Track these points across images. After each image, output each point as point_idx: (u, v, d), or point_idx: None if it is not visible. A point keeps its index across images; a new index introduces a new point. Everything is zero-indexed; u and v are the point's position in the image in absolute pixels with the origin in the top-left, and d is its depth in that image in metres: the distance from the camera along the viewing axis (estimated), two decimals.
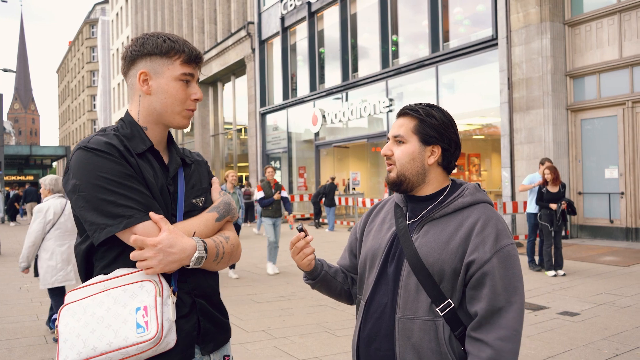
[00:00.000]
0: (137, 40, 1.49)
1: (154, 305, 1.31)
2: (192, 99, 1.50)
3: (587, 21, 10.68)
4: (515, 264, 1.44)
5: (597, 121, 10.68)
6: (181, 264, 1.38)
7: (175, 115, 1.49)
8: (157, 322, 1.30)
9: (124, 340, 1.28)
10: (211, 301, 1.54)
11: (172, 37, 1.48)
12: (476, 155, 17.30)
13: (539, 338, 4.64)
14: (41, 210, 4.96)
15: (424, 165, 1.55)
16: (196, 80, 1.52)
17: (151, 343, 1.29)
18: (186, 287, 1.46)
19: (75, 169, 1.39)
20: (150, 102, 1.48)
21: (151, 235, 1.35)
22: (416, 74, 14.36)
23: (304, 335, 4.91)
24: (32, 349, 4.69)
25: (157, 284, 1.35)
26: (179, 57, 1.46)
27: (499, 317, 1.40)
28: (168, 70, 1.46)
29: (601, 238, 10.56)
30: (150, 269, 1.34)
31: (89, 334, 1.30)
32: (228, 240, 1.53)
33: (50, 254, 4.97)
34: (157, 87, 1.46)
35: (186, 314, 1.44)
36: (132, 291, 1.34)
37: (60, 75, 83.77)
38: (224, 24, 25.43)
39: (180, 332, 1.40)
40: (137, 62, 1.47)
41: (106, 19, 48.29)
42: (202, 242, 1.42)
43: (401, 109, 1.60)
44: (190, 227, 1.45)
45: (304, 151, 19.96)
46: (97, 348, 1.28)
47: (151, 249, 1.32)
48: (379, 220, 1.68)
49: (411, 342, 1.45)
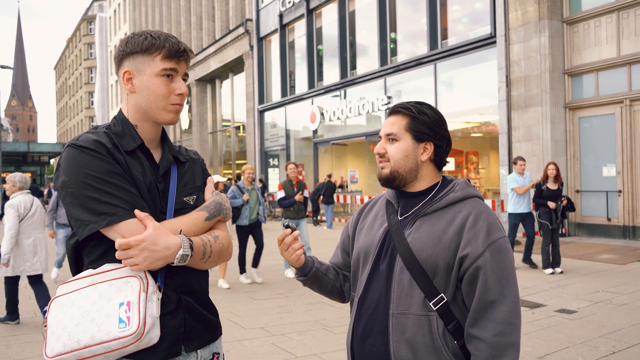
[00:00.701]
0: (123, 40, 1.51)
1: (137, 301, 1.33)
2: (176, 94, 1.50)
3: (586, 19, 10.69)
4: (508, 257, 1.45)
5: (595, 119, 10.70)
6: (166, 262, 1.39)
7: (161, 111, 1.49)
8: (139, 318, 1.32)
9: (106, 334, 1.30)
10: (198, 299, 1.54)
11: (154, 34, 1.48)
12: (474, 153, 17.32)
13: (536, 335, 4.65)
14: (13, 205, 5.44)
15: (417, 162, 1.57)
16: (182, 75, 1.52)
17: (132, 338, 1.30)
18: (173, 284, 1.46)
19: (64, 166, 1.41)
20: (136, 100, 1.49)
21: (135, 232, 1.36)
22: (414, 72, 14.36)
23: (302, 332, 4.91)
24: (30, 346, 4.69)
25: (142, 280, 1.36)
26: (159, 53, 1.46)
27: (493, 311, 1.40)
28: (149, 67, 1.47)
29: (599, 236, 10.58)
30: (135, 266, 1.35)
31: (74, 327, 1.32)
32: (217, 240, 1.53)
33: (18, 246, 5.42)
34: (140, 84, 1.48)
35: (172, 311, 1.44)
36: (117, 286, 1.36)
37: (57, 72, 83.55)
38: (222, 21, 25.38)
39: (165, 329, 1.41)
40: (123, 61, 1.50)
41: (104, 16, 48.13)
42: (188, 240, 1.43)
43: (392, 107, 1.61)
44: (177, 225, 1.46)
45: (302, 149, 19.95)
46: (80, 341, 1.31)
47: (135, 247, 1.34)
48: (371, 218, 1.69)
49: (405, 337, 1.46)
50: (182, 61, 1.51)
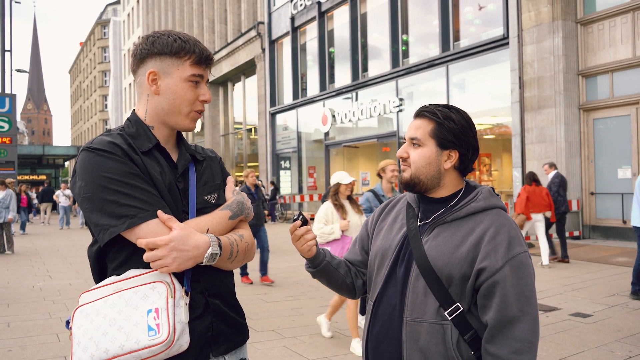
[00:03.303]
0: (148, 38, 1.46)
1: (165, 308, 1.29)
2: (200, 100, 1.47)
3: (600, 20, 10.57)
4: (528, 272, 1.41)
5: (609, 120, 10.57)
6: (196, 262, 1.35)
7: (183, 117, 1.46)
8: (169, 325, 1.27)
9: (136, 343, 1.26)
10: (226, 301, 1.50)
11: (183, 37, 1.45)
12: (487, 155, 17.19)
13: (551, 339, 4.60)
14: None
15: (440, 170, 1.52)
16: (205, 81, 1.49)
17: (163, 346, 1.26)
18: (199, 287, 1.42)
19: (79, 170, 1.38)
20: (159, 102, 1.45)
21: (157, 234, 1.31)
22: (426, 74, 14.31)
23: (314, 335, 4.91)
24: (45, 347, 4.74)
25: (169, 285, 1.32)
26: (189, 58, 1.43)
27: (512, 328, 1.37)
28: (177, 71, 1.43)
29: (614, 239, 10.44)
30: (165, 267, 1.31)
31: (101, 337, 1.28)
32: (242, 239, 1.50)
33: None
34: (166, 87, 1.44)
35: (199, 315, 1.41)
36: (143, 293, 1.31)
37: (72, 75, 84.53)
38: (234, 24, 25.52)
39: (194, 334, 1.37)
40: (146, 60, 1.45)
41: (117, 20, 48.67)
42: (216, 239, 1.39)
43: (419, 110, 1.55)
44: (202, 224, 1.42)
45: (314, 151, 19.96)
46: (109, 351, 1.26)
47: (164, 248, 1.29)
48: (391, 219, 1.65)
49: (418, 345, 1.43)
50: (208, 68, 1.49)
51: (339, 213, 4.86)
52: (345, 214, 4.87)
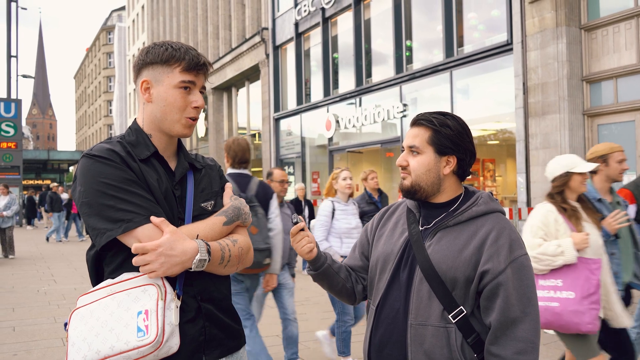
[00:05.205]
0: (144, 49, 1.51)
1: (155, 309, 1.32)
2: (192, 107, 1.49)
3: (604, 25, 10.58)
4: (529, 274, 1.44)
5: (614, 126, 10.56)
6: (184, 267, 1.37)
7: (175, 124, 1.49)
8: (157, 326, 1.30)
9: (125, 344, 1.29)
10: (219, 306, 1.51)
11: (174, 46, 1.48)
12: (491, 160, 17.17)
13: (555, 347, 4.59)
14: None
15: (439, 176, 1.55)
16: (199, 88, 1.52)
17: (152, 347, 1.29)
18: (192, 291, 1.44)
19: (79, 176, 1.42)
20: (152, 110, 1.49)
21: (152, 238, 1.35)
22: (430, 79, 14.33)
23: (318, 341, 4.90)
24: (50, 351, 4.76)
25: (159, 288, 1.35)
26: (178, 65, 1.46)
27: (515, 329, 1.39)
28: (167, 78, 1.47)
29: None
30: (153, 272, 1.34)
31: (94, 338, 1.31)
32: (235, 244, 1.51)
33: None
34: (157, 95, 1.48)
35: (192, 319, 1.43)
36: (135, 295, 1.34)
37: (77, 81, 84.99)
38: (238, 30, 25.64)
39: (185, 337, 1.39)
40: (142, 71, 1.50)
41: (122, 26, 48.95)
42: (205, 245, 1.41)
43: (415, 118, 1.59)
44: (194, 230, 1.44)
45: (318, 156, 19.99)
46: (100, 352, 1.29)
47: (152, 252, 1.32)
48: (391, 225, 1.67)
49: (423, 348, 1.45)
50: (201, 74, 1.51)
51: (570, 222, 3.05)
52: (580, 224, 3.05)
